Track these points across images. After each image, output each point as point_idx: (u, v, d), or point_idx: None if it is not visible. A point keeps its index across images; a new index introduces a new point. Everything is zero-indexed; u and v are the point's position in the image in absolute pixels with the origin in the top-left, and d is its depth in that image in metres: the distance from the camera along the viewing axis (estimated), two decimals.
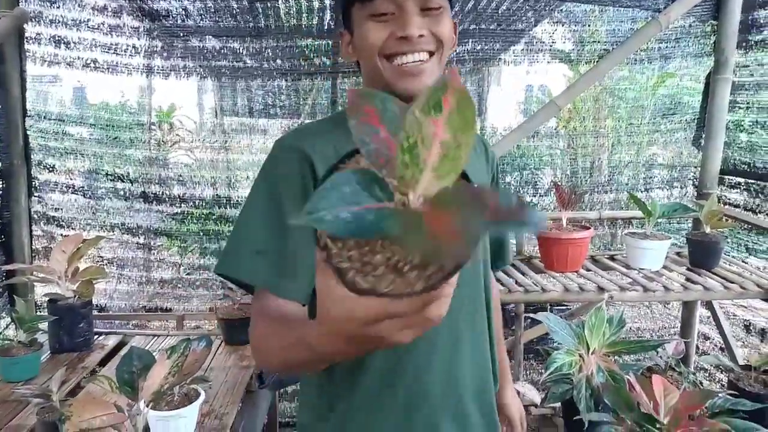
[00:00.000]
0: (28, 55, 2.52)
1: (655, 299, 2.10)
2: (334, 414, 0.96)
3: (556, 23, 2.80)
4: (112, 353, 2.34)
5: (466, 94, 0.42)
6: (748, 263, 2.39)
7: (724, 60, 2.49)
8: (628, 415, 1.30)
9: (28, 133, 2.54)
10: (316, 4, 2.64)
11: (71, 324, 2.26)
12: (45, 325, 2.25)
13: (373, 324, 0.48)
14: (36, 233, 2.65)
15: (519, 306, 2.67)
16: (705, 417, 1.35)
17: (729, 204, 2.58)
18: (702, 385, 2.24)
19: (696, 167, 2.70)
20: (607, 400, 1.38)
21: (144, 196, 2.76)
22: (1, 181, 2.49)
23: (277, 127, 2.91)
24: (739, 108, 2.57)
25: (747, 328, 2.57)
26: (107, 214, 2.74)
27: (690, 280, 2.13)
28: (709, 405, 1.47)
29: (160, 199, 2.77)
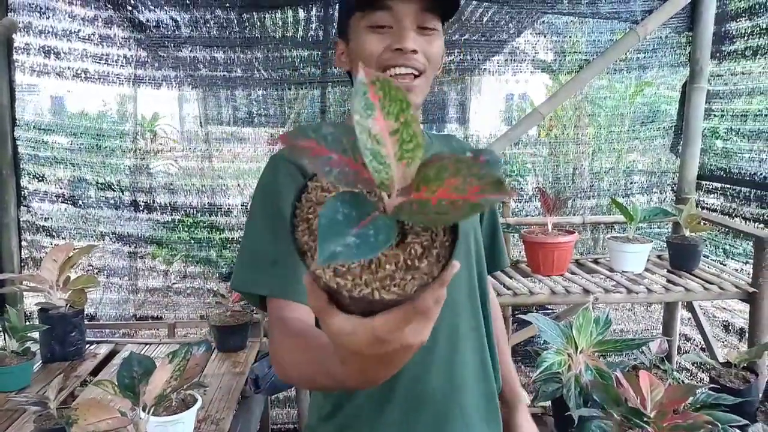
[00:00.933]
0: (17, 65, 2.52)
1: (638, 300, 2.17)
2: (339, 415, 0.98)
3: (538, 34, 2.88)
4: (105, 362, 2.34)
5: (383, 78, 0.43)
6: (726, 265, 2.48)
7: (699, 69, 2.59)
8: (616, 410, 1.36)
9: (17, 143, 2.55)
10: (302, 14, 2.69)
11: (63, 333, 2.26)
12: (36, 334, 2.25)
13: (384, 342, 0.46)
14: (25, 243, 2.64)
15: (506, 310, 2.73)
16: (689, 411, 1.41)
17: (706, 208, 2.68)
18: (684, 383, 2.31)
19: (674, 173, 2.79)
20: (596, 396, 1.43)
21: (133, 204, 2.77)
22: None
23: (263, 135, 2.94)
24: (714, 116, 2.67)
25: (726, 328, 2.66)
26: (97, 222, 2.74)
27: (671, 282, 2.20)
28: (692, 400, 1.53)
29: (149, 207, 2.79)
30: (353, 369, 0.53)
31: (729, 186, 2.58)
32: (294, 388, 2.66)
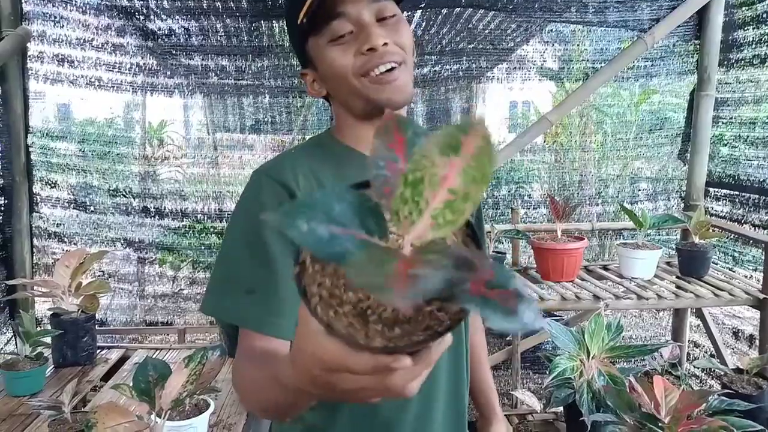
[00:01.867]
0: (30, 73, 2.55)
1: (648, 307, 2.17)
2: None
3: (545, 42, 2.90)
4: (116, 367, 2.35)
5: (489, 142, 0.37)
6: (735, 272, 2.49)
7: (707, 77, 2.60)
8: (630, 416, 1.36)
9: (30, 150, 2.57)
10: None
11: (75, 338, 2.28)
12: (48, 339, 2.26)
13: (332, 372, 0.44)
14: (36, 249, 2.66)
15: None
16: (703, 416, 1.42)
17: (714, 215, 2.68)
18: (695, 389, 2.31)
19: (681, 180, 2.80)
20: (609, 401, 1.44)
21: (143, 210, 2.79)
22: (3, 197, 2.51)
23: (270, 143, 2.96)
24: (722, 123, 2.68)
25: (736, 335, 2.66)
26: (107, 228, 2.76)
27: (681, 288, 2.21)
28: (705, 407, 1.54)
29: (159, 213, 2.81)
30: (305, 378, 0.49)
31: (737, 193, 2.58)
32: None
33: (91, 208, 2.74)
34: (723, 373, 1.90)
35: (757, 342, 2.28)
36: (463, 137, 0.37)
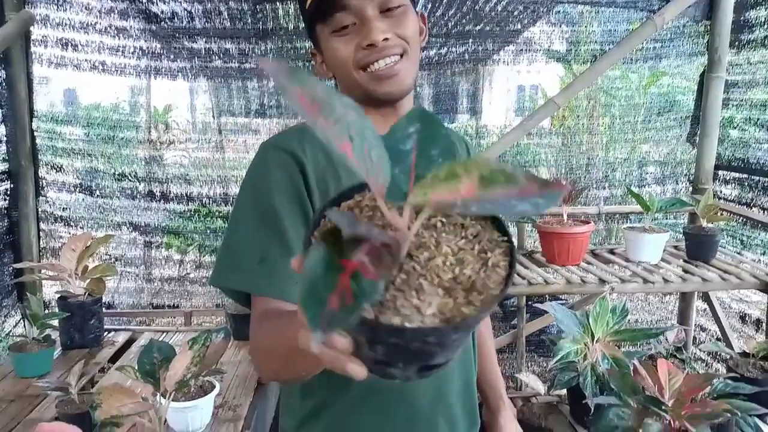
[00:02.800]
0: (34, 57, 2.55)
1: (654, 290, 2.16)
2: (318, 421, 0.94)
3: (553, 24, 2.86)
4: (123, 349, 2.37)
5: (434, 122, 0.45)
6: (743, 256, 2.46)
7: (718, 59, 2.56)
8: (634, 399, 1.36)
9: (36, 134, 2.58)
10: None
11: (82, 321, 2.30)
12: (56, 321, 2.28)
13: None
14: (43, 233, 2.68)
15: (520, 299, 2.73)
16: (708, 399, 1.41)
17: (723, 199, 2.66)
18: (700, 372, 2.30)
19: (690, 163, 2.77)
20: (613, 384, 1.44)
21: (149, 194, 2.80)
22: (10, 182, 2.52)
23: (275, 127, 2.95)
24: (732, 105, 2.64)
25: (743, 319, 2.64)
26: (113, 212, 2.77)
27: (688, 272, 2.19)
28: (709, 390, 1.53)
29: (165, 197, 2.81)
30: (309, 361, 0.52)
31: (746, 176, 2.55)
32: None
33: (97, 193, 2.75)
34: (729, 356, 1.89)
35: (764, 326, 2.27)
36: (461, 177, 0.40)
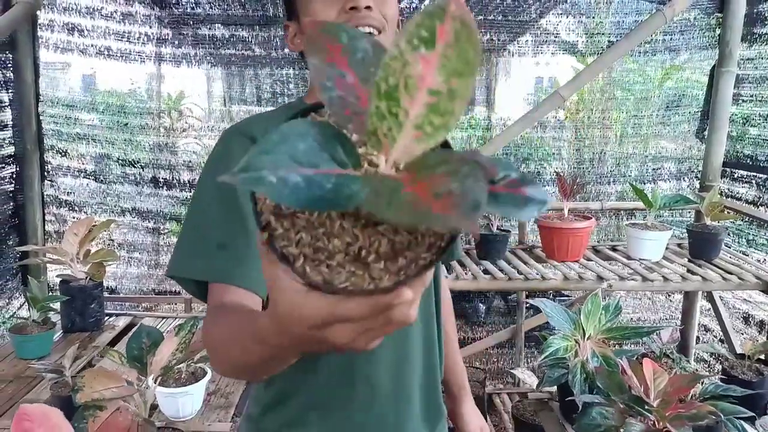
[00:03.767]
0: (41, 42, 2.57)
1: (653, 289, 2.13)
2: (283, 408, 0.94)
3: (562, 14, 2.82)
4: (122, 333, 2.40)
5: (469, 22, 0.32)
6: (748, 255, 2.42)
7: (729, 53, 2.50)
8: (620, 398, 1.34)
9: (41, 118, 2.60)
10: None
11: (83, 304, 2.33)
12: (58, 305, 2.32)
13: (323, 327, 0.40)
14: (48, 217, 2.71)
15: (520, 295, 2.72)
16: (695, 401, 1.39)
17: (731, 197, 2.60)
18: (692, 372, 2.27)
19: (699, 160, 2.71)
20: (599, 383, 1.42)
21: (154, 181, 2.82)
22: (15, 166, 2.55)
23: None
24: (743, 101, 2.58)
25: (746, 319, 2.60)
26: (118, 198, 2.80)
27: (690, 271, 2.15)
28: (701, 391, 1.51)
29: (170, 184, 2.83)
30: (287, 337, 0.46)
31: (756, 174, 2.50)
32: None
33: (101, 178, 2.77)
34: (725, 358, 1.85)
35: (767, 327, 2.23)
36: (438, 25, 0.32)
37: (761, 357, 1.78)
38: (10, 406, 1.83)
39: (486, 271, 2.18)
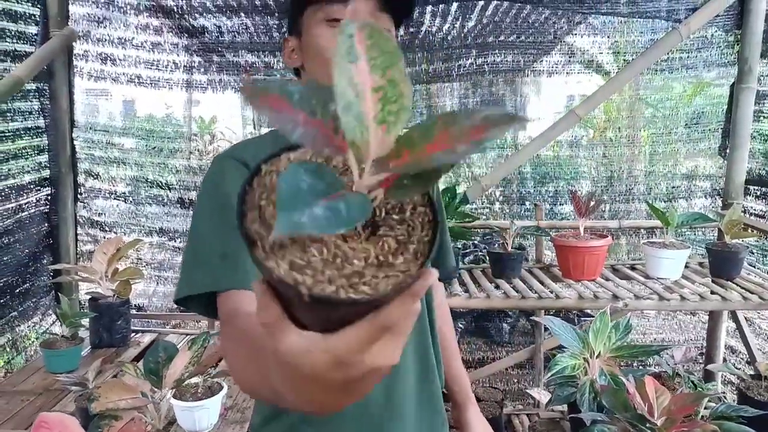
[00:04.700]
0: (76, 71, 2.71)
1: (671, 308, 2.10)
2: (281, 420, 0.95)
3: (587, 35, 2.84)
4: (147, 349, 2.48)
5: (373, 25, 0.37)
6: None
7: (748, 69, 2.47)
8: (624, 416, 1.34)
9: (75, 143, 2.74)
10: None
11: (110, 321, 2.42)
12: (87, 322, 2.41)
13: (362, 351, 0.37)
14: (81, 237, 2.84)
15: (538, 314, 2.70)
16: (705, 420, 1.37)
17: (754, 215, 2.56)
18: (726, 397, 2.22)
19: (720, 177, 2.68)
20: (604, 401, 1.41)
21: (181, 202, 2.92)
22: (50, 188, 2.69)
23: None
24: (764, 117, 2.54)
25: None
26: (146, 218, 2.91)
27: (712, 291, 2.12)
28: (711, 411, 1.48)
29: None
30: (304, 396, 0.42)
31: None
32: None
33: (130, 199, 2.89)
34: (741, 378, 1.81)
35: None
36: (355, 36, 0.37)
37: None
38: None
39: (500, 288, 2.19)
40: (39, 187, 2.63)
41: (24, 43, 2.47)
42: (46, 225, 2.67)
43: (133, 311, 2.70)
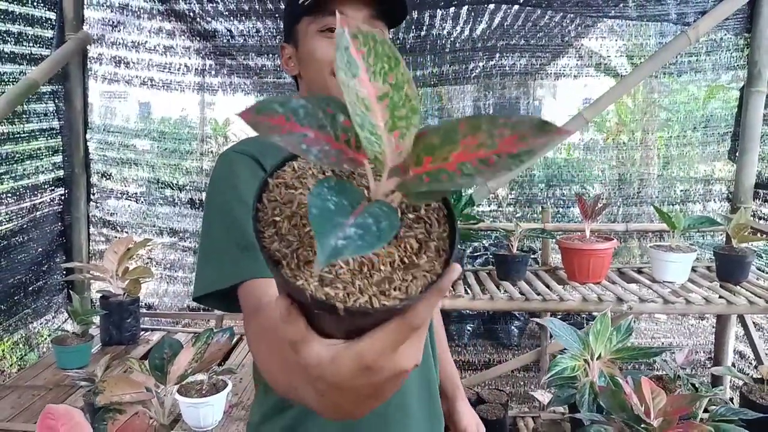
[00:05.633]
0: (90, 73, 2.77)
1: (676, 312, 2.09)
2: (281, 416, 0.94)
3: (598, 38, 2.85)
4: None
5: (367, 30, 0.37)
6: None
7: (758, 72, 2.46)
8: (620, 416, 1.34)
9: (89, 144, 2.80)
10: None
11: (120, 319, 2.47)
12: (98, 319, 2.46)
13: (388, 355, 0.37)
14: (94, 236, 2.89)
15: (544, 317, 2.70)
16: (701, 422, 1.37)
17: (764, 219, 2.53)
18: (733, 401, 2.20)
19: (730, 181, 2.66)
20: (602, 402, 1.42)
21: (192, 203, 2.96)
22: (64, 188, 2.74)
23: None
24: None
25: None
26: (158, 219, 2.96)
27: (715, 294, 2.11)
28: (711, 414, 1.48)
29: None
30: (330, 403, 0.42)
31: None
32: None
33: (143, 199, 2.94)
34: (743, 381, 1.80)
35: None
36: (350, 46, 0.36)
37: None
38: None
39: (505, 291, 2.20)
40: (53, 187, 2.69)
41: (40, 46, 2.54)
42: (60, 224, 2.73)
43: (144, 310, 2.74)
